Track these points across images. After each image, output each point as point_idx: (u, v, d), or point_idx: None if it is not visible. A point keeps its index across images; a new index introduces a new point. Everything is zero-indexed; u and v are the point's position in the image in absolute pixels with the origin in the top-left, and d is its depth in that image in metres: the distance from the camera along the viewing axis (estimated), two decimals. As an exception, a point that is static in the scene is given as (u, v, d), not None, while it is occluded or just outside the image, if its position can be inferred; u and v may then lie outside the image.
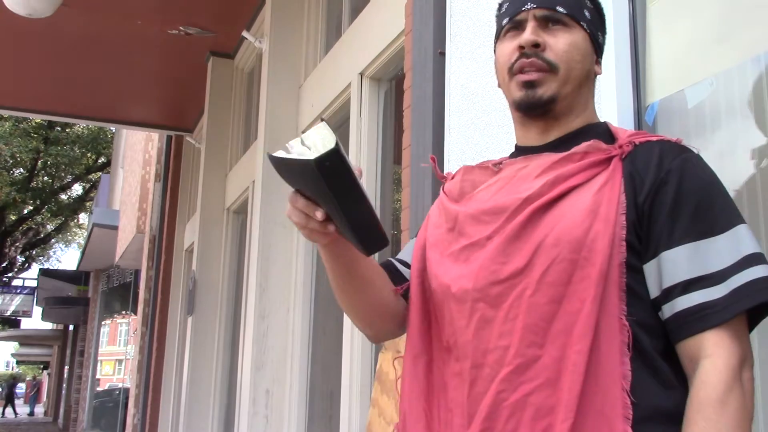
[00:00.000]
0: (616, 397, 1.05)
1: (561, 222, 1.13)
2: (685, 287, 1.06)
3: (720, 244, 1.07)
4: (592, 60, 1.29)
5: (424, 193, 2.66)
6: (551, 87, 1.23)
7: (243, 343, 5.12)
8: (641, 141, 1.17)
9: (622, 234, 1.10)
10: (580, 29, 1.26)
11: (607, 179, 1.14)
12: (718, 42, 1.62)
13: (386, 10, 3.73)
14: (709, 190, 1.11)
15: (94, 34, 6.21)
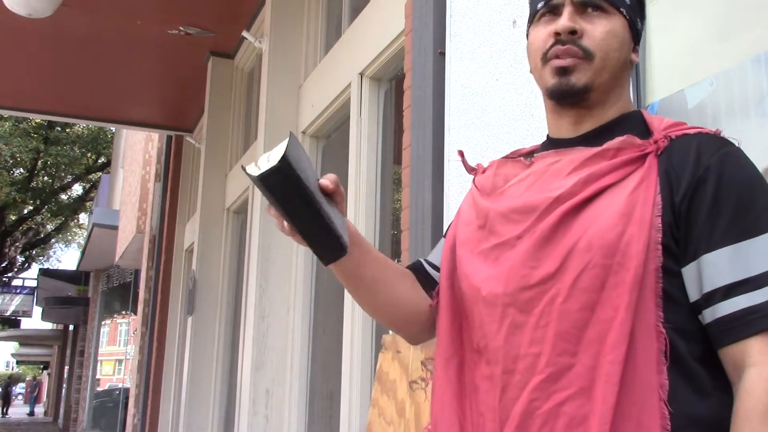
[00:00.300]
0: (654, 407, 1.02)
1: (594, 225, 1.08)
2: (727, 291, 1.02)
3: (763, 244, 1.01)
4: (630, 48, 1.23)
5: (424, 193, 2.66)
6: (586, 74, 1.18)
7: (243, 343, 5.12)
8: (678, 135, 1.12)
9: (658, 237, 1.05)
10: (619, 16, 1.20)
11: (642, 178, 1.09)
12: (719, 42, 1.62)
13: (386, 10, 3.73)
14: (750, 187, 1.05)
15: (94, 34, 6.21)
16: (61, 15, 5.28)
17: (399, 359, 2.44)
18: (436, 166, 2.64)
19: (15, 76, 7.17)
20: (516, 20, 2.32)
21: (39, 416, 30.92)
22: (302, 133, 4.93)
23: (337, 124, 4.66)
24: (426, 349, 2.25)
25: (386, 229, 3.94)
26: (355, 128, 4.04)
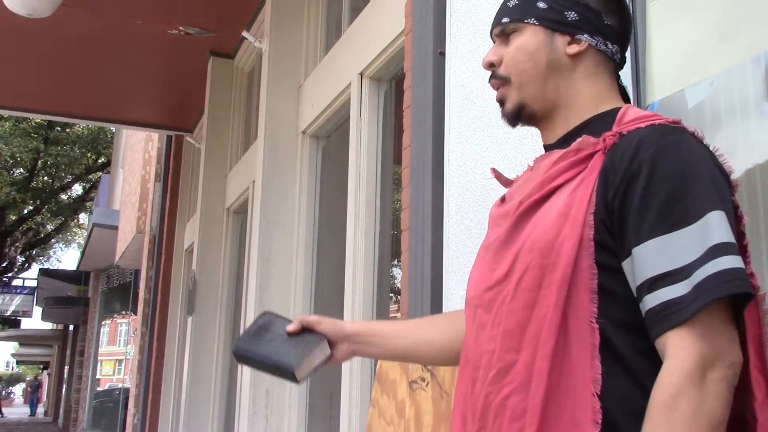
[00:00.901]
0: (586, 401, 1.04)
1: (538, 226, 1.13)
2: (651, 284, 1.02)
3: (688, 235, 1.00)
4: (553, 46, 1.22)
5: (424, 193, 2.66)
6: (512, 98, 1.25)
7: (243, 343, 5.11)
8: (630, 129, 1.11)
9: (591, 234, 1.07)
10: (528, 26, 1.23)
11: (583, 178, 1.11)
12: (718, 42, 1.62)
13: (386, 10, 3.73)
14: (682, 179, 1.03)
15: (94, 34, 6.20)
16: (61, 15, 5.28)
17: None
18: (436, 166, 2.64)
19: (15, 76, 7.17)
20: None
21: (39, 416, 30.91)
22: (302, 133, 4.93)
23: (337, 124, 4.66)
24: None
25: (386, 229, 3.94)
26: (355, 128, 4.04)
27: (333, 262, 4.51)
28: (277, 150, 4.91)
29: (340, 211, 4.19)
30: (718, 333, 1.00)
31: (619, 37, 1.26)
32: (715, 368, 0.98)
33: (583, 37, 1.22)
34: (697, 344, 0.98)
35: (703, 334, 0.99)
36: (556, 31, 1.22)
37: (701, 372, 0.98)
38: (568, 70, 1.23)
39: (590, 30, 1.22)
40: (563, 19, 1.22)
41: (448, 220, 2.54)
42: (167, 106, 8.24)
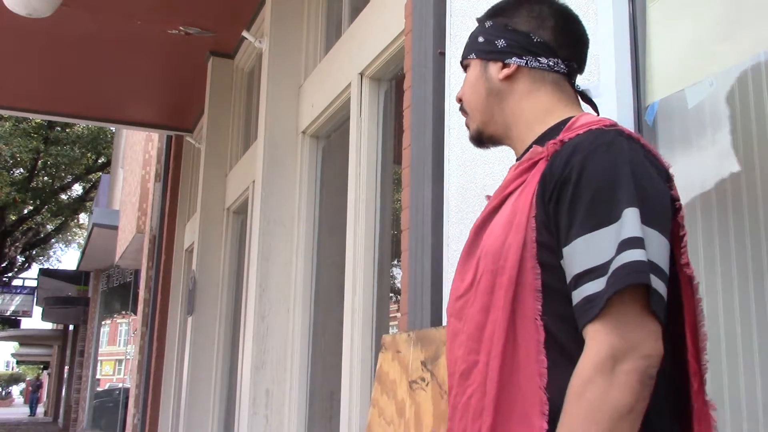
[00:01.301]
0: (534, 395, 1.10)
1: (491, 234, 1.21)
2: (576, 281, 1.08)
3: (607, 233, 1.07)
4: (487, 75, 1.35)
5: (424, 193, 2.66)
6: (471, 126, 1.39)
7: (243, 343, 5.12)
8: (570, 137, 1.17)
9: (533, 236, 1.14)
10: (472, 61, 1.38)
11: (527, 184, 1.19)
12: (718, 42, 1.62)
13: (386, 10, 3.73)
14: (607, 180, 1.10)
15: (94, 34, 6.20)
16: (61, 15, 5.28)
17: (399, 359, 2.44)
18: (436, 166, 2.64)
19: (15, 76, 7.17)
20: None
21: (39, 416, 30.90)
22: (302, 133, 4.93)
23: (337, 124, 4.66)
24: (426, 349, 2.25)
25: (386, 229, 3.94)
26: (355, 128, 4.04)
27: (333, 262, 4.51)
28: (277, 150, 4.91)
29: (340, 211, 4.19)
30: (631, 325, 1.04)
31: (562, 47, 1.32)
32: (625, 360, 1.02)
33: (512, 60, 1.32)
34: (608, 337, 1.03)
35: (615, 327, 1.04)
36: (489, 60, 1.35)
37: (611, 363, 1.02)
38: (507, 92, 1.33)
39: (519, 52, 1.32)
40: (494, 48, 1.34)
41: (448, 220, 2.54)
42: (167, 106, 8.23)
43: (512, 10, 1.35)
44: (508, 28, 1.34)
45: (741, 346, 1.56)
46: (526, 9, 1.34)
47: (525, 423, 1.10)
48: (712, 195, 1.68)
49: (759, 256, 1.55)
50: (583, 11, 2.04)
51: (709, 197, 1.68)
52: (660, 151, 1.80)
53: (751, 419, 1.53)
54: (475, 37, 1.38)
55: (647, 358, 1.03)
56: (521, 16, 1.34)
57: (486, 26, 1.36)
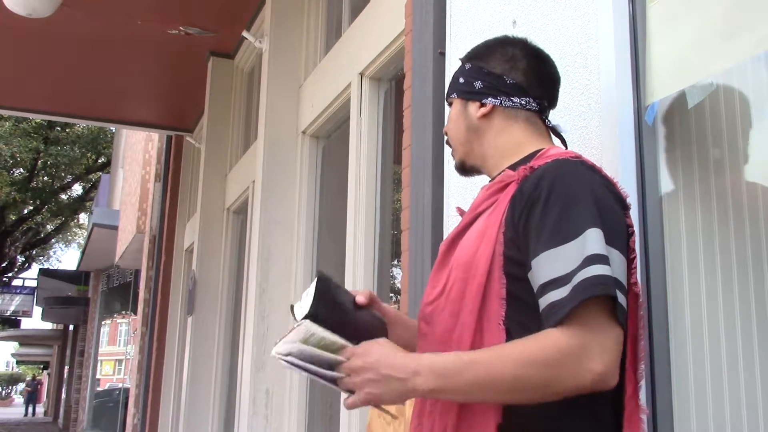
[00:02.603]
0: None
1: (462, 247, 1.35)
2: (542, 289, 1.20)
3: (570, 249, 1.19)
4: (466, 113, 1.50)
5: (424, 193, 2.66)
6: (455, 157, 1.56)
7: (243, 343, 5.12)
8: (540, 164, 1.31)
9: (501, 249, 1.28)
10: (454, 100, 1.53)
11: (498, 203, 1.33)
12: (719, 42, 1.62)
13: (386, 10, 3.73)
14: (569, 202, 1.22)
15: (94, 34, 6.20)
16: (61, 15, 5.28)
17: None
18: (436, 166, 2.64)
19: (15, 76, 7.17)
20: (516, 20, 2.33)
21: (39, 416, 30.90)
22: (302, 133, 4.93)
23: (337, 124, 4.66)
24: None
25: (386, 229, 3.94)
26: (355, 128, 4.04)
27: (333, 262, 4.51)
28: (277, 150, 4.91)
29: (340, 211, 4.19)
30: (598, 329, 1.16)
31: (532, 87, 1.48)
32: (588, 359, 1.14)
33: (488, 101, 1.48)
34: (575, 336, 1.15)
35: (583, 329, 1.15)
36: (469, 100, 1.50)
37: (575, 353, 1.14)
38: (485, 128, 1.48)
39: (494, 93, 1.47)
40: (472, 89, 1.49)
41: (447, 220, 2.54)
42: (167, 106, 8.23)
43: (488, 53, 1.51)
44: (484, 70, 1.49)
45: (741, 345, 1.56)
46: (499, 52, 1.49)
47: (483, 419, 1.23)
48: (712, 195, 1.68)
49: (759, 255, 1.55)
50: (583, 11, 2.04)
51: (709, 197, 1.68)
52: (660, 151, 1.80)
53: (752, 419, 1.53)
54: (457, 78, 1.54)
55: (602, 361, 1.14)
56: (495, 59, 1.49)
57: (466, 68, 1.52)
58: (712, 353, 1.60)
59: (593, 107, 1.94)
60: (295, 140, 4.96)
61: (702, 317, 1.64)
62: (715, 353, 1.60)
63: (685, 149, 1.76)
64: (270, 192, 4.84)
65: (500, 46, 1.51)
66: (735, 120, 1.64)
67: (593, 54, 1.96)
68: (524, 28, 2.24)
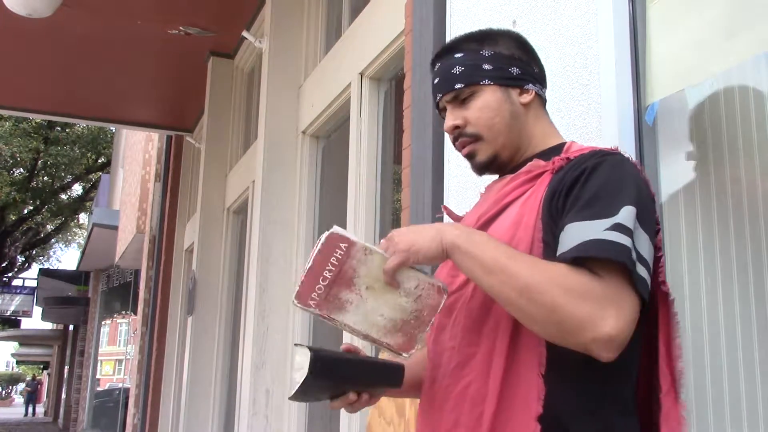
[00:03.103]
0: (533, 382, 1.18)
1: (495, 234, 1.26)
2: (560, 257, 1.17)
3: (600, 223, 1.15)
4: (511, 99, 1.39)
5: (424, 193, 2.66)
6: (485, 151, 1.40)
7: (243, 343, 5.12)
8: (576, 155, 1.28)
9: (540, 236, 1.22)
10: (484, 88, 1.39)
11: (534, 191, 1.28)
12: (719, 42, 1.62)
13: (386, 10, 3.73)
14: (611, 182, 1.19)
15: (94, 34, 6.20)
16: (61, 15, 5.28)
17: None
18: (436, 166, 2.64)
19: (15, 76, 7.17)
20: (516, 20, 2.33)
21: (39, 416, 30.90)
22: (302, 133, 4.93)
23: (337, 124, 4.66)
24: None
25: (386, 229, 3.94)
26: (355, 128, 4.04)
27: (333, 262, 4.50)
28: (277, 150, 4.91)
29: (340, 211, 4.19)
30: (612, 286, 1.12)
31: (544, 79, 1.46)
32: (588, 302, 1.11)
33: (529, 86, 1.41)
34: (589, 280, 1.12)
35: (597, 279, 1.13)
36: (509, 86, 1.40)
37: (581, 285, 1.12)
38: (524, 116, 1.41)
39: (530, 79, 1.42)
40: (509, 74, 1.40)
41: (447, 221, 2.54)
42: (167, 106, 8.23)
43: (497, 40, 1.42)
44: (515, 57, 1.41)
45: (741, 344, 1.56)
46: (507, 40, 1.43)
47: (524, 409, 1.17)
48: (712, 195, 1.68)
49: (759, 255, 1.55)
50: (583, 11, 2.04)
51: (709, 197, 1.68)
52: (660, 150, 1.80)
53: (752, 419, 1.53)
54: (477, 64, 1.39)
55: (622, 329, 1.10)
56: (511, 47, 1.42)
57: (485, 54, 1.40)
58: (712, 352, 1.60)
59: (593, 107, 1.94)
60: (295, 140, 4.96)
61: (702, 316, 1.64)
62: (715, 352, 1.60)
63: (685, 149, 1.76)
64: (270, 192, 4.84)
65: (502, 36, 1.44)
66: (735, 120, 1.64)
67: (593, 54, 1.96)
68: (524, 28, 2.24)
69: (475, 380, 1.23)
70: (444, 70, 1.42)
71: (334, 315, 1.22)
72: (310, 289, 1.21)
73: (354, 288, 1.22)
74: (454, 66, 1.40)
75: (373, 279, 1.22)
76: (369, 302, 1.22)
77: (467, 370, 1.25)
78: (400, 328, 1.24)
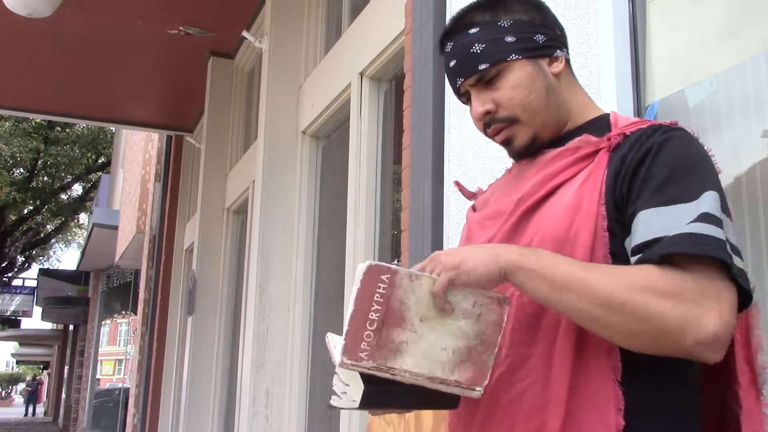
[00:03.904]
0: (608, 388, 1.05)
1: (546, 220, 1.14)
2: (638, 251, 1.06)
3: (682, 210, 1.04)
4: (543, 71, 1.24)
5: (424, 193, 2.66)
6: (524, 133, 1.24)
7: (243, 343, 5.12)
8: (632, 130, 1.15)
9: (604, 224, 1.10)
10: (512, 64, 1.23)
11: (590, 172, 1.14)
12: (719, 41, 1.62)
13: (386, 10, 3.73)
14: (684, 162, 1.08)
15: (94, 34, 6.20)
16: (61, 15, 5.27)
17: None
18: (436, 166, 2.64)
19: (15, 76, 7.17)
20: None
21: (39, 416, 30.90)
22: (302, 133, 4.93)
23: (337, 124, 4.66)
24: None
25: (386, 229, 3.94)
26: (355, 128, 4.04)
27: (333, 262, 4.51)
28: (277, 150, 4.91)
29: (340, 211, 4.19)
30: (711, 283, 1.01)
31: (567, 40, 1.31)
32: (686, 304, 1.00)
33: (558, 53, 1.26)
34: (683, 280, 1.01)
35: (693, 276, 1.01)
36: (537, 56, 1.24)
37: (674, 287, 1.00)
38: (558, 87, 1.25)
39: (558, 44, 1.27)
40: (536, 43, 1.24)
41: (447, 220, 2.54)
42: (167, 106, 8.23)
43: (512, 6, 1.26)
44: (535, 23, 1.25)
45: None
46: (524, 3, 1.27)
47: (596, 417, 1.05)
48: (712, 195, 1.68)
49: (759, 255, 1.55)
50: (583, 11, 2.04)
51: (709, 197, 1.68)
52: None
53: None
54: (499, 39, 1.23)
55: (724, 329, 1.00)
56: (531, 10, 1.26)
57: (504, 26, 1.23)
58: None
59: (593, 107, 1.94)
60: (295, 140, 4.96)
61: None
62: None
63: (685, 149, 1.76)
64: (270, 192, 4.84)
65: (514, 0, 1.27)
66: (735, 120, 1.64)
67: (593, 54, 1.96)
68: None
69: (533, 386, 1.10)
70: (460, 50, 1.24)
71: (390, 363, 1.03)
72: (359, 340, 1.03)
73: (407, 324, 1.04)
74: (473, 44, 1.23)
75: (425, 308, 1.05)
76: (427, 336, 1.05)
77: (521, 374, 1.11)
78: (468, 358, 1.06)
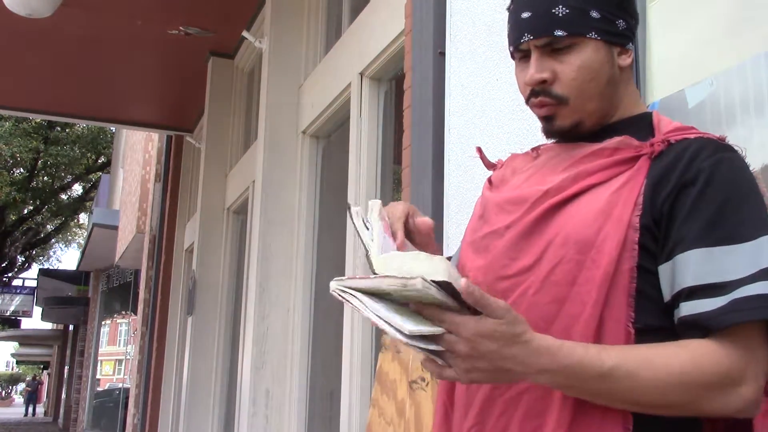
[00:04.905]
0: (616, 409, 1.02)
1: (572, 220, 1.08)
2: (689, 293, 1.00)
3: (737, 253, 0.98)
4: (612, 62, 1.17)
5: (424, 193, 2.66)
6: (569, 117, 1.16)
7: (243, 343, 5.12)
8: (677, 139, 1.08)
9: (635, 237, 1.04)
10: (588, 42, 1.14)
11: (628, 179, 1.07)
12: (719, 41, 1.62)
13: (386, 10, 3.73)
14: (737, 194, 1.02)
15: (94, 34, 6.21)
16: (61, 15, 5.27)
17: (399, 359, 2.44)
18: (436, 166, 2.64)
19: (15, 76, 7.17)
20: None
21: (39, 416, 30.90)
22: (302, 133, 4.93)
23: (337, 124, 4.66)
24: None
25: (386, 229, 3.93)
26: (355, 128, 4.04)
27: (333, 262, 4.51)
28: (277, 150, 4.92)
29: (340, 211, 4.19)
30: (751, 352, 0.98)
31: None
32: (744, 383, 0.97)
33: (630, 46, 1.19)
34: (727, 358, 0.97)
35: (735, 350, 0.98)
36: (613, 43, 1.16)
37: (715, 375, 0.97)
38: (619, 81, 1.19)
39: (632, 36, 1.19)
40: (616, 29, 1.16)
41: (448, 220, 2.54)
42: (167, 106, 8.24)
43: None
44: (623, 6, 1.17)
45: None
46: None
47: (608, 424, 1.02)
48: (712, 195, 1.68)
49: (759, 256, 1.55)
50: (583, 11, 2.04)
51: (709, 197, 1.68)
52: (660, 151, 1.80)
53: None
54: (585, 10, 1.13)
55: (754, 389, 0.98)
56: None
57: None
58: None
59: (593, 107, 1.94)
60: (295, 140, 4.96)
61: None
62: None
63: (685, 149, 1.76)
64: (270, 192, 4.84)
65: None
66: (735, 120, 1.64)
67: (593, 54, 1.96)
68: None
69: (533, 389, 1.05)
70: (541, 5, 1.14)
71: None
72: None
73: None
74: (557, 4, 1.13)
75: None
76: None
77: None
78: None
